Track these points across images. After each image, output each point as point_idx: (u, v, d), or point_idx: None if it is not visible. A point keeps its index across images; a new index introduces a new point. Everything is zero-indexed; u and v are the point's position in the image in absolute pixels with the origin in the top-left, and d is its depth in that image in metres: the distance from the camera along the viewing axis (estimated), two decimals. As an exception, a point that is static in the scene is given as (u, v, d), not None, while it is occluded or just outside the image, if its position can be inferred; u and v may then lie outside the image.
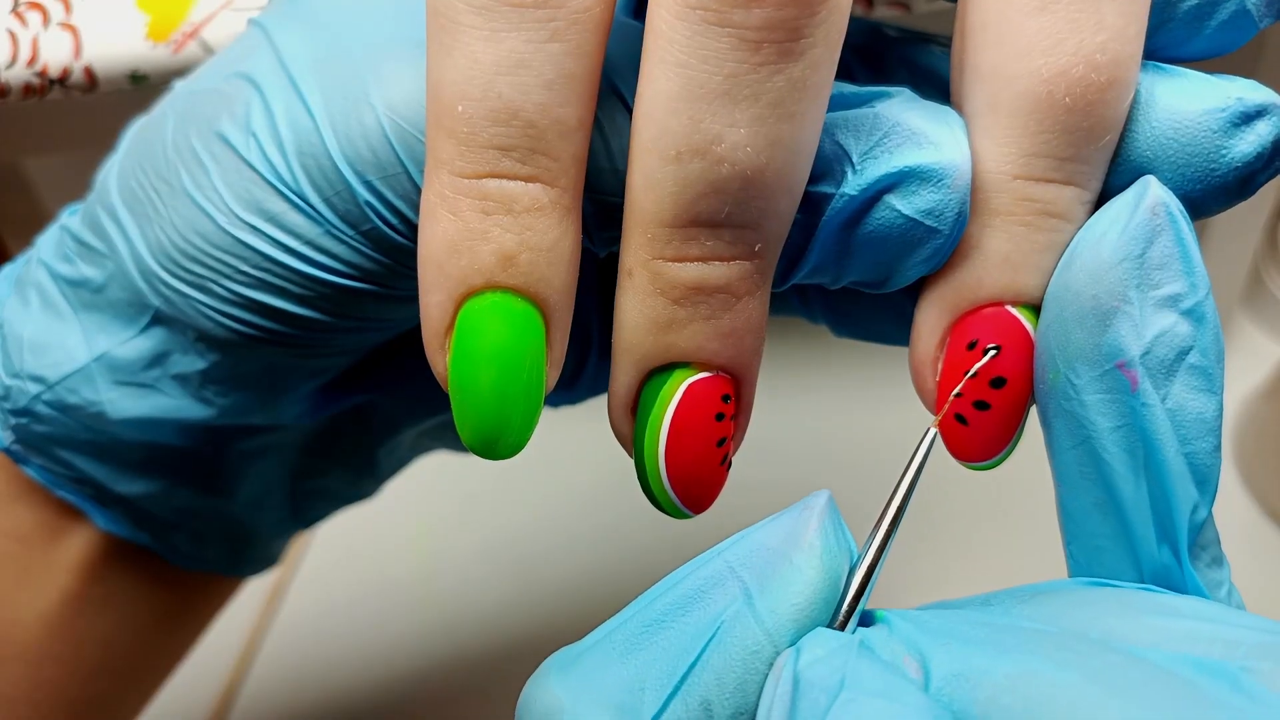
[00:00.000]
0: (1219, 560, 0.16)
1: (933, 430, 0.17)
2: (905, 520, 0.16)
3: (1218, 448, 0.16)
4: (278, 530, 0.27)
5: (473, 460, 0.31)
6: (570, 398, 0.27)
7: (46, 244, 0.22)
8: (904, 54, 0.20)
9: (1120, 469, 0.16)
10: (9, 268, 0.23)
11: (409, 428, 0.27)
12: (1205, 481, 0.16)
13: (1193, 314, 0.16)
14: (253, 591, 0.42)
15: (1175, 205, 0.16)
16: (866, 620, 0.16)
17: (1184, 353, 0.16)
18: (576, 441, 0.41)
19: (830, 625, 0.15)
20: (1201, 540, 0.16)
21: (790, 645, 0.15)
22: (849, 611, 0.16)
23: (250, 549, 0.26)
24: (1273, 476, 0.41)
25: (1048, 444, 0.18)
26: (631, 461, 0.18)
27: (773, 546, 0.15)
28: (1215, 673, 0.13)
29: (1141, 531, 0.16)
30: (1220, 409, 0.16)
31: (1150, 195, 0.16)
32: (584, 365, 0.26)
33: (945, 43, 0.19)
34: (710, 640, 0.15)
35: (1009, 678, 0.13)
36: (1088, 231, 0.17)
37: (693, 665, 0.15)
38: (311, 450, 0.26)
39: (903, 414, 0.29)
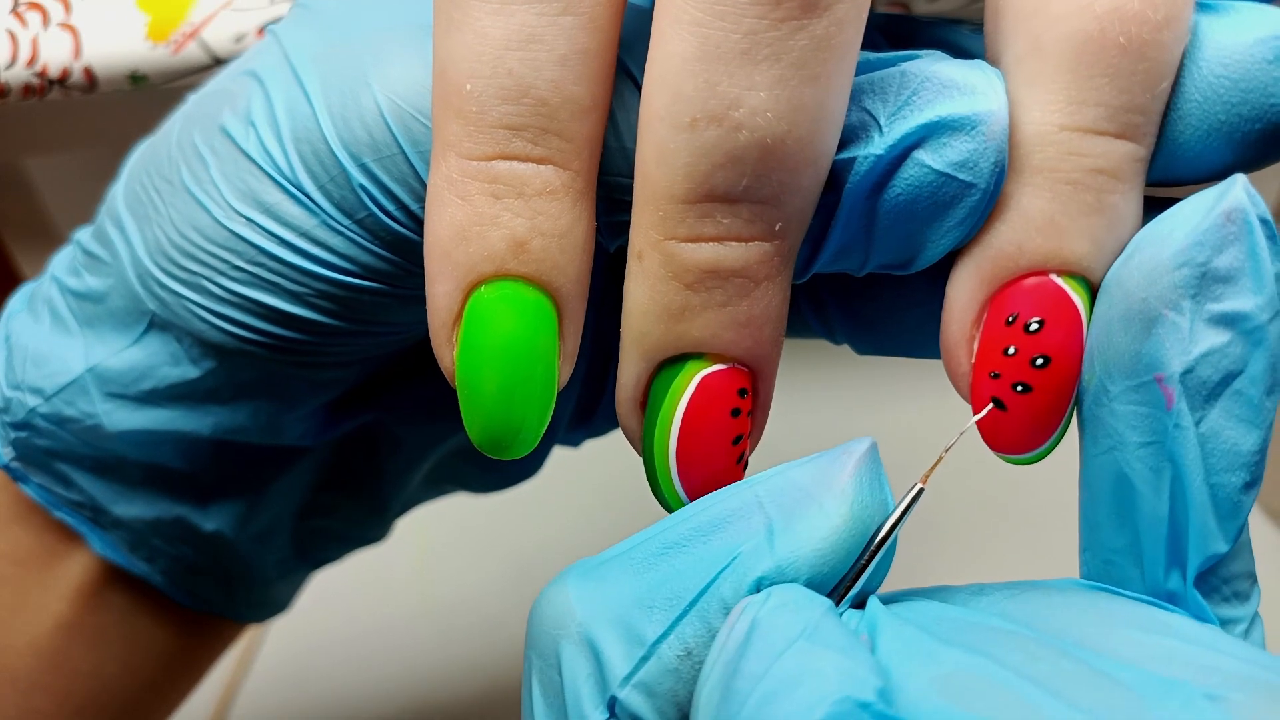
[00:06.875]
0: (1241, 596, 0.15)
1: (919, 485, 0.15)
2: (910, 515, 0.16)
3: (1250, 485, 0.15)
4: (281, 571, 0.26)
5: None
6: (590, 431, 0.25)
7: (60, 260, 0.22)
8: (933, 35, 0.19)
9: (1142, 488, 0.15)
10: (28, 285, 0.23)
11: (418, 455, 0.26)
12: (1228, 517, 0.15)
13: (1251, 336, 0.14)
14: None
15: (1257, 213, 0.14)
16: (860, 602, 0.15)
17: (1231, 377, 0.14)
18: (580, 454, 0.40)
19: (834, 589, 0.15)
20: (1223, 574, 0.15)
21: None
22: (851, 580, 0.15)
23: (250, 589, 0.25)
24: (1273, 476, 0.41)
25: (1080, 444, 0.17)
26: (640, 463, 0.17)
27: (804, 486, 0.15)
28: (1173, 693, 0.12)
29: (1152, 554, 0.15)
30: (1262, 445, 0.15)
31: (1229, 199, 0.14)
32: (602, 391, 0.24)
33: (975, 23, 0.19)
34: (724, 569, 0.15)
35: (946, 673, 0.13)
36: (1156, 225, 0.15)
37: (703, 592, 0.15)
38: (318, 485, 0.25)
39: (929, 410, 0.28)
